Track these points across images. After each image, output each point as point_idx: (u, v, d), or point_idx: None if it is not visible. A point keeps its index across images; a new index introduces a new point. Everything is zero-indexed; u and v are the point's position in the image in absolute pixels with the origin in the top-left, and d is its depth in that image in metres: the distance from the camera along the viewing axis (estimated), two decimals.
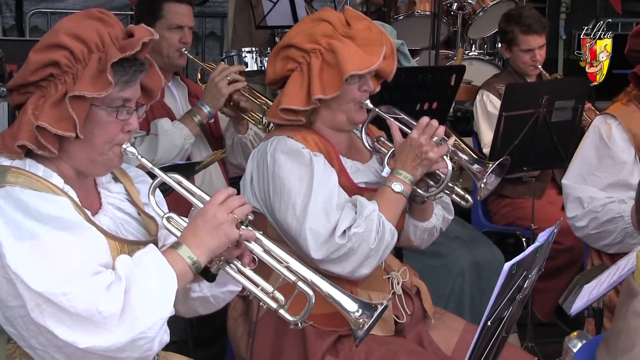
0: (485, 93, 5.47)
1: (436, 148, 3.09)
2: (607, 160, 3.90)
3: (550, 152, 4.68)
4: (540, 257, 2.35)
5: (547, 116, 4.56)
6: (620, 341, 2.28)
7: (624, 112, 3.92)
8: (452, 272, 4.45)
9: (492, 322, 2.13)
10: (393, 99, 3.70)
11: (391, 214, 3.07)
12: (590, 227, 3.91)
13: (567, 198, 4.01)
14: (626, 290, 2.38)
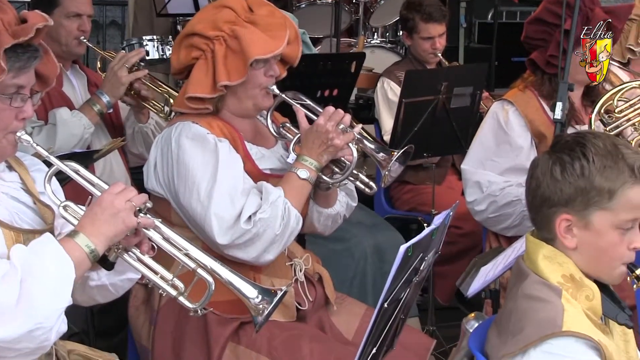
0: (386, 80, 5.52)
1: (342, 135, 3.11)
2: (504, 146, 3.98)
3: (449, 138, 4.74)
4: (436, 240, 2.39)
5: (446, 103, 4.62)
6: (511, 323, 2.31)
7: (520, 98, 4.01)
8: (355, 256, 4.49)
9: (389, 304, 2.16)
10: (294, 85, 3.70)
11: (296, 200, 3.08)
12: (489, 211, 3.99)
13: (466, 183, 4.09)
14: (516, 272, 2.42)
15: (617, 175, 2.26)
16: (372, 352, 2.26)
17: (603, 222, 2.28)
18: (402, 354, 3.16)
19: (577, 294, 2.31)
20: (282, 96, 3.20)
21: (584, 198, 2.27)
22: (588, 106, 3.98)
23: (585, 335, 2.21)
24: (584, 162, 2.27)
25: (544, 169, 2.33)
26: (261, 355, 3.04)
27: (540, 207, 2.35)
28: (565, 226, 2.31)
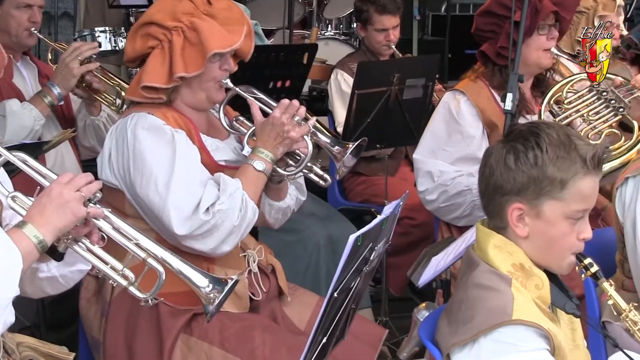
0: (340, 72, 5.54)
1: (298, 128, 3.12)
2: (456, 135, 4.01)
3: (402, 130, 4.76)
4: (386, 230, 2.40)
5: (398, 94, 4.63)
6: (461, 311, 2.33)
7: (471, 88, 4.04)
8: (308, 248, 4.50)
9: (339, 293, 2.17)
10: (246, 77, 3.71)
11: (253, 191, 3.08)
12: (440, 200, 4.02)
13: (418, 172, 4.11)
14: (466, 261, 2.44)
15: (570, 165, 2.28)
16: (323, 342, 2.27)
17: (554, 211, 2.31)
18: (355, 344, 3.18)
19: (526, 283, 2.33)
20: (236, 89, 3.21)
21: (536, 187, 2.30)
22: (538, 97, 4.02)
23: (535, 324, 2.24)
24: (537, 152, 2.29)
25: (497, 157, 2.35)
26: (213, 346, 3.04)
27: (493, 196, 2.37)
28: (517, 215, 2.33)
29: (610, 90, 3.76)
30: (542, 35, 3.93)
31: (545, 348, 2.25)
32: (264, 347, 3.01)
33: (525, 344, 2.23)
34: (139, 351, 3.09)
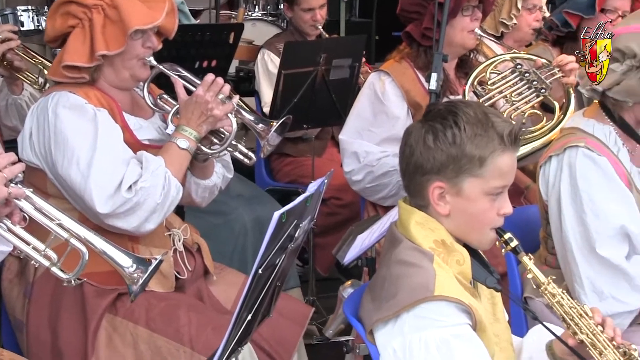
0: (267, 52, 5.53)
1: (221, 106, 3.11)
2: (381, 116, 4.03)
3: (329, 110, 4.78)
4: (311, 207, 2.41)
5: (325, 74, 4.65)
6: (384, 288, 2.36)
7: (396, 68, 4.06)
8: (235, 229, 4.50)
9: (264, 270, 2.17)
10: (172, 56, 3.69)
11: (176, 169, 3.07)
12: (366, 181, 4.05)
13: (344, 153, 4.13)
14: (389, 238, 2.46)
15: (487, 143, 2.31)
16: (248, 319, 2.27)
17: (474, 188, 2.34)
18: (281, 323, 3.20)
19: (448, 259, 2.36)
20: (160, 67, 3.19)
21: (455, 166, 2.32)
22: (462, 78, 4.07)
23: (456, 299, 2.27)
24: (455, 131, 2.31)
25: (417, 136, 2.37)
26: (139, 325, 3.03)
27: (413, 175, 2.39)
28: (438, 193, 2.36)
29: (532, 72, 3.82)
30: (466, 16, 3.97)
31: (467, 323, 2.29)
32: (190, 326, 3.01)
33: (447, 319, 2.26)
34: (63, 332, 3.06)
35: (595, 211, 2.93)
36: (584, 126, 3.06)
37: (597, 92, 3.01)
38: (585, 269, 2.95)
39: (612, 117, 3.05)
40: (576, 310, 2.38)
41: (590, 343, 2.35)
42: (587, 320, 2.36)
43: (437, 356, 2.23)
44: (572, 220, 2.98)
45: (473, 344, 2.28)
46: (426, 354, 2.24)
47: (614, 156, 3.00)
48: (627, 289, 2.91)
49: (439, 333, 2.25)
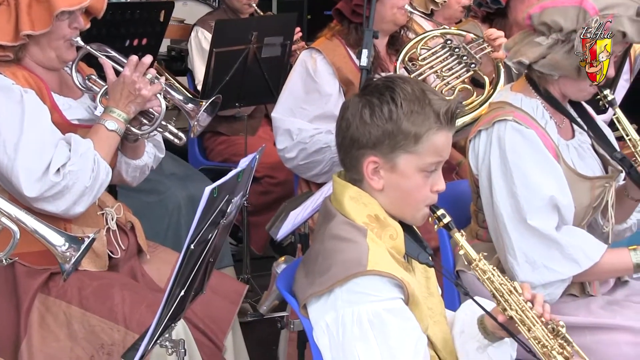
0: (200, 29, 5.49)
1: (149, 86, 3.10)
2: (313, 93, 4.04)
3: (261, 88, 4.78)
4: (242, 182, 2.41)
5: (257, 52, 4.64)
6: (318, 263, 2.36)
7: (328, 46, 4.07)
8: (169, 208, 4.49)
9: (196, 245, 2.18)
10: (101, 34, 3.66)
11: (105, 151, 3.05)
12: (299, 158, 4.06)
13: (276, 131, 4.13)
14: (323, 213, 2.47)
15: (424, 120, 2.32)
16: (181, 295, 2.27)
17: (408, 165, 2.35)
18: (215, 301, 3.20)
19: (381, 234, 2.37)
20: (87, 48, 3.16)
21: (391, 141, 2.33)
22: (393, 55, 4.09)
23: (389, 274, 2.28)
24: (392, 107, 2.32)
25: (354, 111, 2.37)
26: (72, 305, 3.01)
27: (349, 148, 2.39)
28: (373, 168, 2.37)
29: (462, 47, 3.86)
30: None
31: (399, 297, 2.31)
32: (124, 305, 2.99)
33: (379, 294, 2.27)
34: None
35: (525, 183, 2.97)
36: (512, 100, 3.10)
37: (523, 66, 3.04)
38: (518, 240, 2.99)
39: (539, 91, 3.09)
40: (506, 286, 2.41)
41: (520, 319, 2.38)
42: (517, 297, 2.39)
43: (369, 330, 2.25)
44: (502, 192, 3.01)
45: (405, 318, 2.30)
46: (359, 328, 2.25)
47: (541, 129, 3.03)
48: (559, 258, 2.95)
49: (372, 307, 2.26)
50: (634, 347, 2.90)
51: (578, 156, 3.13)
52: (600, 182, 3.08)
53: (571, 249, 2.96)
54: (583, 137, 3.16)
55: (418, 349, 2.30)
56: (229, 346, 3.27)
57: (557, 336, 2.38)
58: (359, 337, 2.25)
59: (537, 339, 2.37)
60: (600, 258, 2.97)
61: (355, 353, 2.25)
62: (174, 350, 2.48)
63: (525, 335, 2.38)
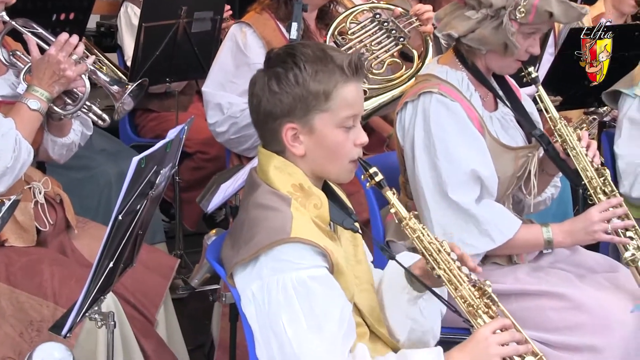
0: (129, 5, 5.43)
1: (74, 66, 3.08)
2: (244, 67, 4.02)
3: (191, 63, 4.75)
4: (171, 153, 2.41)
5: (187, 27, 4.61)
6: (243, 232, 2.38)
7: (257, 20, 4.06)
8: (100, 184, 4.47)
9: (124, 215, 2.18)
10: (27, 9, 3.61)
11: (27, 131, 3.02)
12: (230, 132, 4.05)
13: (207, 105, 4.12)
14: (249, 183, 2.48)
15: (329, 77, 2.35)
16: (110, 266, 2.27)
17: (325, 123, 2.37)
18: (147, 275, 3.20)
19: (305, 203, 2.39)
20: (12, 23, 3.13)
21: (303, 105, 2.35)
22: (322, 29, 4.09)
23: (312, 242, 2.31)
24: (296, 71, 2.34)
25: (261, 84, 2.39)
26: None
27: (265, 122, 2.41)
28: (292, 135, 2.38)
29: (391, 21, 3.88)
30: None
31: (323, 265, 2.33)
32: (53, 280, 2.97)
33: (304, 261, 2.29)
34: None
35: (448, 156, 3.00)
36: (438, 73, 3.13)
37: (452, 38, 3.08)
38: (436, 213, 3.03)
39: (465, 64, 3.13)
40: (435, 245, 2.45)
41: (447, 279, 2.43)
42: (446, 256, 2.44)
43: (294, 297, 2.27)
44: (425, 165, 3.05)
45: (329, 286, 2.32)
46: (284, 296, 2.27)
47: (466, 101, 3.07)
48: (476, 233, 3.01)
49: (296, 275, 2.28)
50: (558, 312, 2.97)
51: (502, 127, 3.18)
52: (523, 152, 3.14)
53: (487, 224, 3.02)
54: (506, 109, 3.21)
55: (343, 316, 2.32)
56: (161, 320, 3.27)
57: (483, 295, 2.43)
58: (284, 305, 2.27)
59: (464, 298, 2.42)
60: (513, 235, 3.04)
61: (281, 321, 2.27)
62: (104, 323, 2.48)
63: (452, 294, 2.43)
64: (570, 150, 3.07)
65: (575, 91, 4.41)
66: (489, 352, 2.32)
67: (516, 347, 2.35)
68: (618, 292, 3.09)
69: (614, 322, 2.97)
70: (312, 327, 2.26)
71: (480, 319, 2.40)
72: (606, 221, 2.99)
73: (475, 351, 2.34)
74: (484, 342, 2.34)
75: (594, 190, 3.05)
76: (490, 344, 2.33)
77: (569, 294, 3.05)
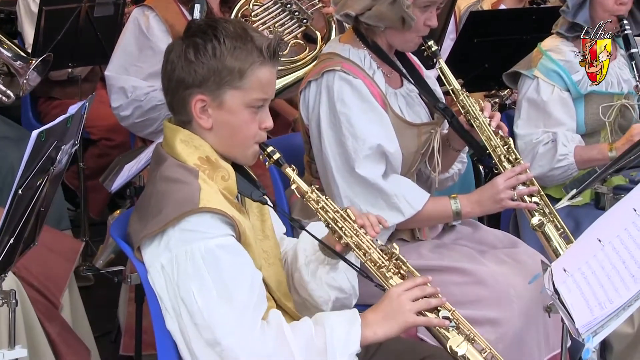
0: None
1: None
2: (147, 51, 4.00)
3: (94, 48, 4.70)
4: (72, 129, 2.39)
5: (89, 11, 4.56)
6: (150, 206, 2.37)
7: (160, 3, 4.04)
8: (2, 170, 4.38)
9: (24, 190, 2.15)
10: None
11: None
12: (135, 116, 4.02)
13: (111, 89, 4.07)
14: (155, 157, 2.48)
15: (247, 56, 2.37)
16: (10, 242, 2.24)
17: (235, 100, 2.38)
18: (51, 258, 3.17)
19: (213, 175, 2.40)
20: None
21: (216, 78, 2.36)
22: (226, 12, 4.06)
23: (220, 211, 2.32)
24: (215, 44, 2.35)
25: (178, 52, 2.39)
26: None
27: (176, 90, 2.41)
28: (201, 107, 2.39)
29: (293, 3, 3.90)
30: None
31: (230, 234, 2.34)
32: None
33: (211, 231, 2.30)
34: None
35: (353, 132, 3.03)
36: (340, 51, 3.16)
37: (350, 18, 3.10)
38: (345, 189, 3.05)
39: (366, 42, 3.16)
40: (339, 214, 2.49)
41: (355, 244, 2.47)
42: (351, 224, 2.49)
43: (202, 267, 2.27)
44: (331, 142, 3.08)
45: (238, 254, 2.34)
46: (192, 266, 2.28)
47: (369, 79, 3.11)
48: (384, 207, 3.04)
49: (204, 244, 2.29)
50: (459, 286, 3.03)
51: (406, 104, 3.22)
52: (426, 129, 3.19)
53: (395, 198, 3.06)
54: (412, 86, 3.25)
55: (253, 283, 2.34)
56: (66, 304, 3.24)
57: (392, 257, 2.49)
58: (193, 275, 2.27)
59: (373, 262, 2.47)
60: (422, 207, 3.09)
61: (191, 291, 2.27)
62: (5, 302, 2.44)
63: (362, 259, 2.48)
64: (473, 121, 3.12)
65: (476, 74, 4.51)
66: (402, 308, 2.38)
67: (428, 301, 2.41)
68: (518, 266, 3.17)
69: (514, 295, 3.05)
70: (222, 296, 2.27)
71: (392, 280, 2.46)
72: (512, 188, 3.05)
73: (388, 309, 2.39)
74: (396, 300, 2.39)
75: (498, 159, 3.11)
76: (403, 301, 2.38)
77: (470, 269, 3.12)
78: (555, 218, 3.11)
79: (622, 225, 2.47)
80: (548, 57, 3.80)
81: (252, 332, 2.29)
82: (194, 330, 2.29)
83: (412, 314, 2.38)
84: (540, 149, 3.76)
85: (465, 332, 2.45)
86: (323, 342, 2.33)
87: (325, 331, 2.34)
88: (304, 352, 2.31)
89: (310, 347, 2.33)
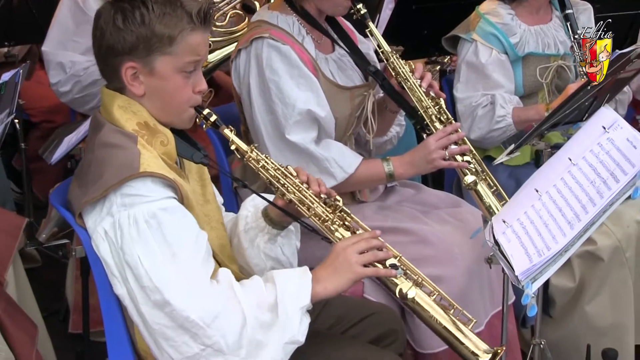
0: None
1: None
2: (85, 26, 3.93)
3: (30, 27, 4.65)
4: (6, 98, 2.37)
5: None
6: (90, 172, 2.36)
7: None
8: None
9: None
10: None
11: None
12: (74, 91, 3.98)
13: (48, 65, 4.03)
14: (93, 124, 2.46)
15: (177, 22, 2.34)
16: None
17: (166, 66, 2.37)
18: None
19: (152, 140, 2.39)
20: None
21: (146, 45, 2.34)
22: None
23: (161, 174, 2.31)
24: (144, 11, 2.33)
25: (107, 18, 2.36)
26: None
27: (106, 57, 2.39)
28: (132, 74, 2.37)
29: None
30: None
31: (172, 196, 2.34)
32: None
33: (153, 194, 2.29)
34: None
35: (282, 99, 3.05)
36: (269, 18, 3.17)
37: None
38: (276, 156, 3.05)
39: (295, 8, 3.17)
40: (281, 171, 2.51)
41: (299, 200, 2.50)
42: (293, 180, 2.51)
43: (146, 230, 2.27)
44: (262, 109, 3.09)
45: (180, 215, 2.33)
46: (136, 230, 2.27)
47: (298, 45, 3.12)
48: (316, 172, 3.05)
49: (146, 208, 2.28)
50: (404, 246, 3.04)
51: (338, 68, 3.24)
52: (359, 92, 3.22)
53: (327, 162, 3.08)
54: (343, 51, 3.27)
55: (198, 242, 2.34)
56: (10, 281, 3.21)
57: (336, 210, 2.51)
58: (137, 239, 2.26)
59: (318, 216, 2.50)
60: (354, 170, 3.11)
61: (136, 254, 2.26)
62: None
63: (306, 214, 2.50)
64: (404, 83, 3.14)
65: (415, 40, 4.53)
66: (349, 261, 2.41)
67: (375, 253, 2.44)
68: (461, 225, 3.22)
69: (457, 253, 3.10)
70: (167, 257, 2.27)
71: (337, 232, 2.49)
72: (443, 148, 3.08)
73: (336, 263, 2.42)
74: (343, 254, 2.42)
75: (430, 119, 3.13)
76: (349, 254, 2.41)
77: (414, 229, 3.16)
78: (488, 176, 3.14)
79: (558, 174, 2.52)
80: (486, 20, 3.84)
81: (200, 290, 2.28)
82: (141, 294, 2.28)
83: (359, 266, 2.41)
84: (479, 111, 3.80)
85: (413, 277, 2.49)
86: (274, 298, 2.34)
87: (276, 287, 2.36)
88: (255, 308, 2.32)
89: (261, 303, 2.34)
